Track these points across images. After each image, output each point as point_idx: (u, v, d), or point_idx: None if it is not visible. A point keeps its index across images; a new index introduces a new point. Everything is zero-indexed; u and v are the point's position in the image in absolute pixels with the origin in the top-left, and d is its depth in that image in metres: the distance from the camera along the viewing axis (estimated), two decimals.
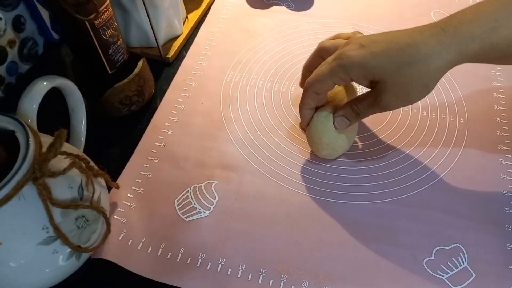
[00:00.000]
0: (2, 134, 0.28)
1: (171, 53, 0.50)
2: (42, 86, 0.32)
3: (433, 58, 0.29)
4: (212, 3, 0.58)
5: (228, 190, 0.39)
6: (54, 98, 0.35)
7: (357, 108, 0.35)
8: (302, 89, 0.38)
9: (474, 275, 0.33)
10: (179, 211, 0.38)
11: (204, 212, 0.37)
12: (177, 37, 0.52)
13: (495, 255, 0.34)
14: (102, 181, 0.34)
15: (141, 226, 0.37)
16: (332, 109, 0.38)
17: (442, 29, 0.29)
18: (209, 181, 0.40)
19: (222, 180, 0.40)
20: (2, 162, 0.27)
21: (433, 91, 0.33)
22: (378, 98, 0.32)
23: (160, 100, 0.46)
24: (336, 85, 0.36)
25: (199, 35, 0.54)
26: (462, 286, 0.33)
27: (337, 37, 0.39)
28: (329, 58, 0.34)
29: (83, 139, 0.39)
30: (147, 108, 0.46)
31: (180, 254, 0.35)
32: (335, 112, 0.37)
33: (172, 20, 0.50)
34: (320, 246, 0.35)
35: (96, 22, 0.37)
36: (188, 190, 0.39)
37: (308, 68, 0.40)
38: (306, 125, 0.39)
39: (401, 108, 0.44)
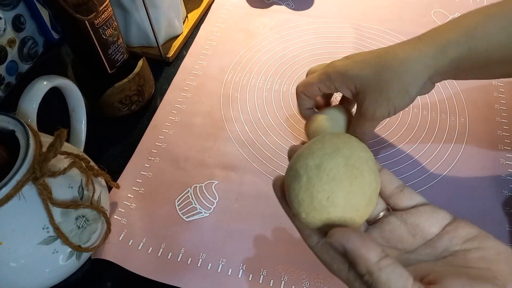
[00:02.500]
0: (2, 134, 0.28)
1: (171, 53, 0.50)
2: (42, 86, 0.32)
3: (410, 61, 0.29)
4: (212, 2, 0.58)
5: (229, 190, 0.39)
6: (54, 98, 0.35)
7: (352, 128, 0.34)
8: None
9: None
10: (180, 211, 0.37)
11: (205, 212, 0.37)
12: (177, 36, 0.52)
13: None
14: (103, 181, 0.34)
15: (141, 226, 0.37)
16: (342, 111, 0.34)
17: (419, 38, 0.30)
18: (209, 181, 0.39)
19: (223, 180, 0.40)
20: (2, 162, 0.27)
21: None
22: (362, 108, 0.32)
23: (160, 100, 0.46)
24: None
25: (199, 34, 0.54)
26: None
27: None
28: (321, 66, 0.35)
29: (83, 138, 0.39)
30: (147, 108, 0.46)
31: (180, 254, 0.35)
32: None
33: (172, 19, 0.50)
34: None
35: (96, 21, 0.37)
36: (188, 190, 0.39)
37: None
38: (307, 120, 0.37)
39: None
